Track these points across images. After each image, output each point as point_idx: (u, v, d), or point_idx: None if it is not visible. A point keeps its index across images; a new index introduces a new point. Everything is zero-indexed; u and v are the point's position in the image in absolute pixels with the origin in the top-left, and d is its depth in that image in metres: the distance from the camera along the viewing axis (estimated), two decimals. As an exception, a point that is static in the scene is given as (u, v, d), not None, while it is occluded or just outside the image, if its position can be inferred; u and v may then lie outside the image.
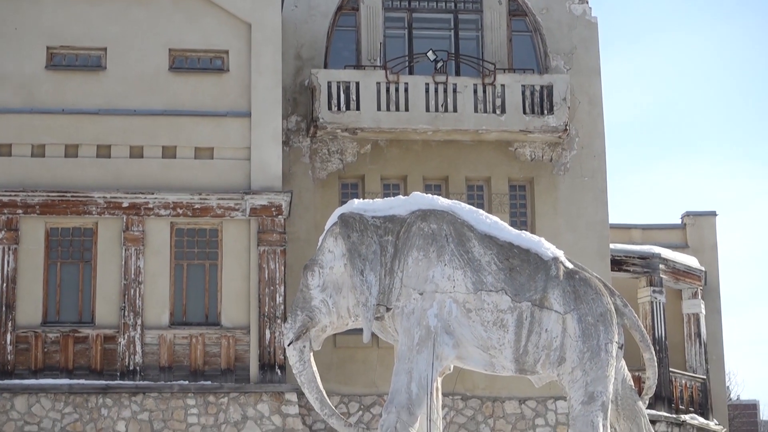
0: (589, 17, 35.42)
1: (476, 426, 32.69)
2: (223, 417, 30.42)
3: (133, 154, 31.84)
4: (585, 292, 22.68)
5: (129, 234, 31.21)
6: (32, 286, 30.99)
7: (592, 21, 35.41)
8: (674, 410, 35.08)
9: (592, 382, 22.32)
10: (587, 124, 34.83)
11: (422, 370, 21.84)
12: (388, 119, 33.37)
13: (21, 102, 31.76)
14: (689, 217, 38.85)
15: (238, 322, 31.25)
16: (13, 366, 30.46)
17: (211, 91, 32.40)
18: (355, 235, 22.56)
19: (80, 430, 29.98)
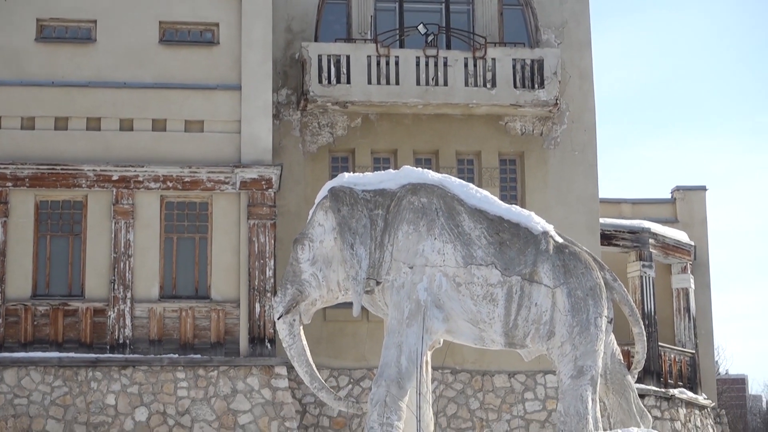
0: (581, -8, 35.42)
1: (465, 400, 32.77)
2: (212, 390, 30.47)
3: (123, 127, 31.81)
4: (575, 267, 22.75)
5: (119, 207, 31.20)
6: (22, 259, 30.99)
7: (583, -5, 35.42)
8: (663, 384, 35.19)
9: (582, 356, 22.40)
10: (578, 99, 34.83)
11: (412, 343, 21.90)
12: (379, 93, 33.33)
13: (11, 74, 31.70)
14: (679, 191, 38.89)
15: (228, 296, 31.28)
16: (3, 339, 30.48)
17: (201, 64, 32.35)
18: (346, 208, 22.59)
19: (70, 403, 30.02)
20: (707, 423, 36.99)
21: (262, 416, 30.34)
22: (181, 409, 30.26)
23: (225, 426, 30.19)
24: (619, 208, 38.03)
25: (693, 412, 36.17)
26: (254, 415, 30.34)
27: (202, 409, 30.29)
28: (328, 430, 32.09)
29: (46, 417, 29.88)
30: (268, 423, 30.32)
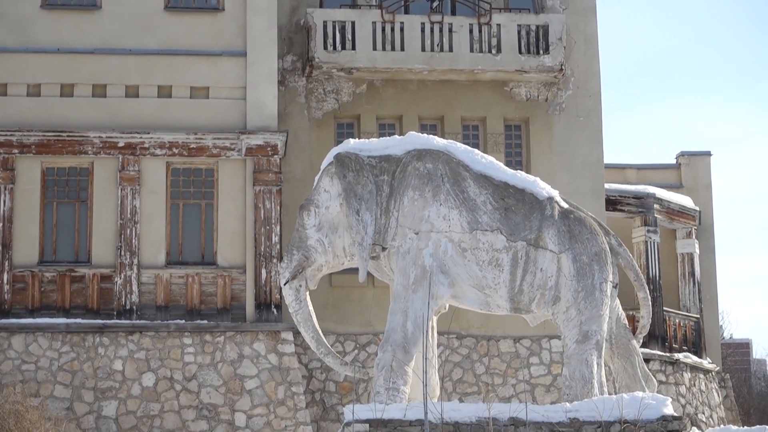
0: (585, -40, 35.31)
1: (471, 364, 32.83)
2: (219, 356, 30.54)
3: (129, 94, 31.77)
4: (580, 232, 22.76)
5: (125, 174, 31.19)
6: (28, 226, 31.01)
7: (587, -37, 35.31)
8: (668, 349, 35.23)
9: (587, 321, 22.43)
10: (583, 64, 34.75)
11: (418, 309, 21.95)
12: (384, 59, 33.28)
13: (16, 41, 31.66)
14: (684, 156, 38.84)
15: (234, 262, 31.31)
16: (10, 305, 30.55)
17: (206, 30, 32.26)
18: (351, 174, 22.60)
19: (77, 368, 30.10)
20: (712, 387, 37.06)
21: (269, 381, 30.42)
22: (188, 375, 30.35)
23: (232, 391, 30.28)
24: (624, 174, 37.99)
25: (697, 376, 36.23)
26: (261, 380, 30.42)
27: (208, 374, 30.38)
28: (334, 395, 32.18)
29: (53, 383, 29.98)
30: (274, 388, 30.40)
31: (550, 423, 20.65)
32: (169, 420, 29.97)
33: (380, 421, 20.31)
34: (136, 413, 29.97)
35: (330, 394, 32.23)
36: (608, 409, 20.76)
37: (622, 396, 21.31)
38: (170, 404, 30.09)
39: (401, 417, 20.34)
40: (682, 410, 33.46)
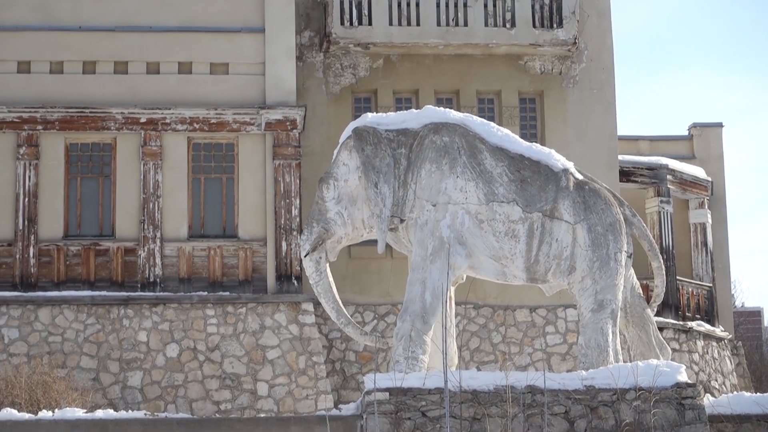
0: (598, -67, 35.19)
1: (488, 334, 32.89)
2: (241, 326, 30.64)
3: (150, 70, 31.79)
4: (595, 203, 22.81)
5: (147, 149, 31.26)
6: (53, 201, 31.07)
7: (601, -64, 35.18)
8: (681, 317, 35.23)
9: (602, 290, 22.50)
10: (596, 38, 34.67)
11: (436, 279, 22.03)
12: (400, 34, 33.24)
13: (39, 19, 31.68)
14: (696, 128, 38.75)
15: (255, 235, 31.37)
16: (37, 278, 30.67)
17: (224, 7, 32.24)
18: (369, 148, 22.65)
19: (103, 340, 30.23)
20: (724, 354, 37.07)
21: (290, 351, 30.51)
22: (210, 345, 30.46)
23: (254, 361, 30.38)
24: (637, 145, 37.91)
25: (710, 344, 36.24)
26: (282, 350, 30.52)
27: (231, 344, 30.49)
28: (354, 364, 32.26)
29: (80, 354, 30.11)
30: (295, 358, 30.51)
31: (566, 390, 20.73)
32: (193, 390, 30.10)
33: (400, 389, 20.41)
34: (160, 383, 30.11)
35: (350, 364, 32.32)
36: (623, 376, 20.83)
37: (637, 364, 21.37)
38: (194, 374, 30.22)
39: (420, 385, 20.44)
40: (696, 377, 33.48)
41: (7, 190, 30.95)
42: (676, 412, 20.72)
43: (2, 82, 31.32)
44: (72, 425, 20.90)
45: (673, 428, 20.58)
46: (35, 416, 21.53)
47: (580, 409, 20.55)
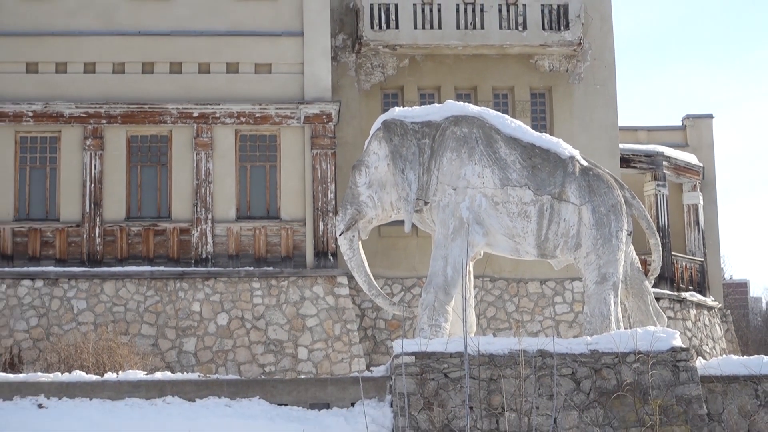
0: (601, -57, 34.96)
1: (503, 304, 32.84)
2: (283, 298, 30.67)
3: (201, 70, 31.82)
4: (598, 186, 22.73)
5: (199, 140, 31.29)
6: (116, 187, 31.16)
7: (603, -53, 34.96)
8: (676, 288, 35.11)
9: (605, 264, 22.43)
10: (599, 38, 34.49)
11: (456, 255, 22.00)
12: (424, 36, 33.16)
13: (102, 25, 31.72)
14: (689, 119, 38.57)
15: (295, 216, 31.38)
16: (102, 256, 30.77)
17: (267, 13, 32.21)
18: (397, 138, 22.62)
19: (161, 310, 30.31)
20: (714, 322, 36.94)
21: (327, 320, 30.54)
22: (256, 315, 30.50)
23: (295, 329, 30.42)
24: (636, 135, 37.75)
25: (702, 312, 36.11)
26: (320, 318, 30.55)
27: (274, 314, 30.53)
28: (383, 331, 32.27)
29: (140, 322, 30.21)
30: (331, 326, 30.53)
31: (573, 354, 20.69)
32: (241, 354, 30.18)
33: (424, 353, 20.40)
34: (212, 348, 30.18)
35: (380, 331, 32.33)
36: (624, 341, 20.78)
37: (636, 330, 21.32)
38: (241, 340, 30.28)
39: (443, 350, 20.43)
40: (689, 342, 33.39)
41: (76, 177, 31.06)
42: (671, 374, 20.66)
43: (70, 82, 31.41)
44: (134, 386, 20.98)
45: (668, 388, 20.52)
46: (101, 377, 21.62)
47: (586, 371, 20.51)
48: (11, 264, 30.59)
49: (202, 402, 20.66)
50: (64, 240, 30.83)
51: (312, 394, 21.06)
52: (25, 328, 29.87)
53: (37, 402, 20.43)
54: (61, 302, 30.18)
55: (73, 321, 29.92)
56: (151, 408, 20.45)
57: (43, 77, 31.44)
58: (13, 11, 31.58)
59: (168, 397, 20.70)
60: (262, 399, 20.83)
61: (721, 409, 21.02)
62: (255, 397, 20.84)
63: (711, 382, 21.16)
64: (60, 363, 26.10)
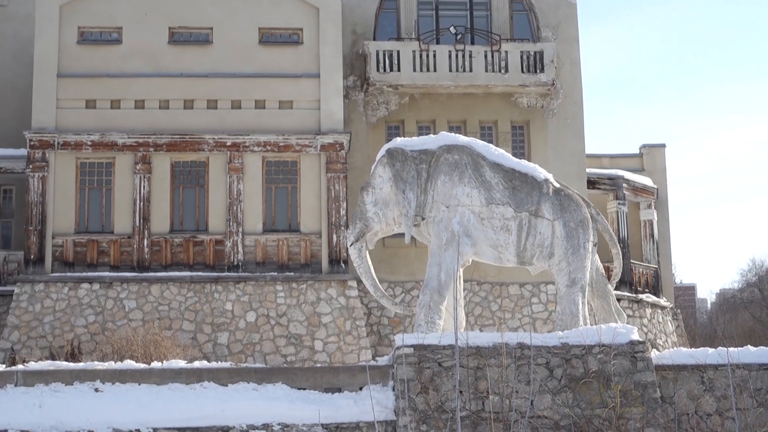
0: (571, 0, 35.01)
1: (488, 304, 32.81)
2: (302, 298, 30.66)
3: (234, 106, 31.85)
4: (568, 204, 22.75)
5: (232, 165, 31.31)
6: (161, 204, 31.18)
7: (572, 2, 34.99)
8: (634, 291, 35.08)
9: (574, 270, 22.43)
10: (569, 80, 34.54)
11: (449, 263, 22.00)
12: (421, 78, 33.22)
13: (150, 68, 31.79)
14: (645, 147, 38.53)
15: (313, 229, 31.37)
16: (149, 263, 30.78)
17: (290, 58, 32.27)
18: (398, 164, 22.66)
19: (199, 309, 30.31)
20: (667, 320, 36.89)
21: (339, 317, 30.53)
22: (279, 313, 30.50)
23: (312, 324, 30.41)
24: (600, 161, 37.72)
25: (656, 311, 36.07)
26: (333, 316, 30.53)
27: (295, 312, 30.52)
28: (387, 326, 32.24)
29: (182, 319, 30.20)
30: (343, 322, 30.52)
31: (547, 346, 20.68)
32: (266, 346, 30.16)
33: (421, 346, 20.40)
34: (242, 341, 30.16)
35: (384, 326, 32.31)
36: (590, 336, 20.77)
37: (601, 326, 21.30)
38: (267, 334, 30.28)
39: (437, 343, 20.43)
40: (645, 337, 33.30)
41: (127, 197, 31.10)
42: (630, 363, 20.63)
43: (123, 116, 31.47)
44: (176, 373, 20.99)
45: (627, 375, 20.50)
46: (148, 366, 21.62)
47: (558, 360, 20.50)
48: (72, 270, 30.64)
49: (233, 386, 20.68)
50: (117, 249, 30.85)
51: (326, 380, 21.05)
52: (84, 324, 29.88)
53: (93, 386, 20.44)
54: (114, 302, 30.20)
55: (125, 318, 29.93)
56: (190, 391, 20.47)
57: (99, 112, 31.48)
58: (75, 56, 31.67)
59: (204, 382, 20.71)
60: (284, 384, 20.83)
61: (672, 393, 21.00)
62: (278, 383, 20.84)
63: (664, 370, 21.15)
64: (113, 353, 26.11)
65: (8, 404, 19.74)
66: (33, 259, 30.53)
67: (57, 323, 29.80)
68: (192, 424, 19.63)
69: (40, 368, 21.02)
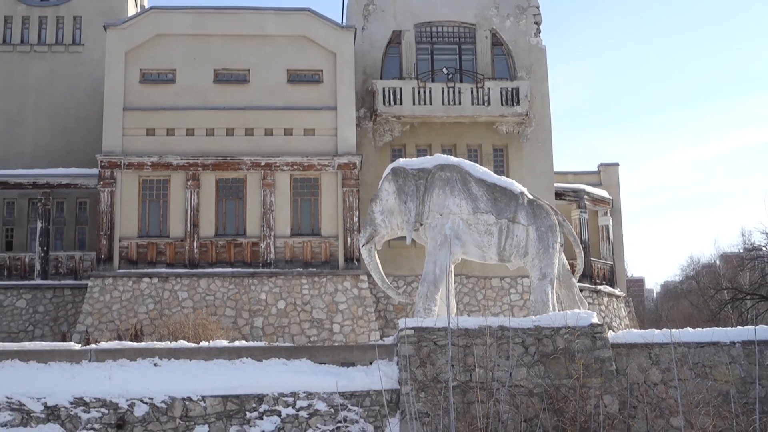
0: (541, 46, 34.98)
1: (474, 294, 32.78)
2: (323, 290, 30.66)
3: (266, 134, 31.89)
4: (539, 213, 22.72)
5: (265, 181, 31.34)
6: (208, 214, 31.22)
7: (542, 48, 34.98)
8: (593, 283, 35.04)
9: (544, 266, 22.41)
10: (540, 111, 34.53)
11: (442, 261, 21.99)
12: (419, 110, 33.23)
13: (198, 103, 31.87)
14: (602, 166, 38.48)
15: (331, 233, 31.37)
16: (198, 261, 30.81)
17: (312, 95, 32.31)
18: (401, 180, 22.67)
19: (239, 298, 30.32)
20: (620, 306, 36.81)
21: (353, 305, 30.53)
22: (304, 301, 30.51)
23: (330, 311, 30.41)
24: (566, 177, 37.69)
25: (612, 300, 36.02)
26: (348, 304, 30.53)
27: (316, 300, 30.52)
28: (392, 312, 32.22)
29: (225, 307, 30.21)
30: (356, 309, 30.51)
31: (523, 329, 20.66)
32: (293, 329, 30.16)
33: (420, 328, 20.40)
34: (273, 324, 30.17)
35: (389, 312, 32.28)
36: (558, 320, 20.76)
37: (566, 312, 21.28)
38: (294, 319, 30.29)
39: (433, 326, 20.43)
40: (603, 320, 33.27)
41: (180, 207, 31.17)
42: (591, 342, 20.61)
43: (177, 142, 31.56)
44: (220, 351, 20.97)
45: (588, 352, 20.47)
46: (197, 345, 21.59)
47: (531, 340, 20.48)
48: (136, 267, 30.69)
49: (266, 362, 20.69)
50: (172, 250, 30.89)
51: (342, 356, 21.05)
52: (145, 311, 29.93)
53: (153, 362, 20.46)
54: (170, 293, 30.24)
55: (178, 306, 29.97)
56: (231, 366, 20.48)
57: (157, 139, 31.55)
58: (138, 94, 31.78)
59: (243, 358, 20.72)
60: (308, 359, 20.83)
61: (625, 366, 20.97)
62: (303, 358, 20.84)
63: (618, 347, 21.13)
64: (169, 335, 26.16)
65: (84, 376, 19.80)
66: (103, 258, 30.60)
67: (123, 310, 29.86)
68: (233, 393, 19.65)
69: (109, 347, 21.06)
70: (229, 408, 19.48)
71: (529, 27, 34.88)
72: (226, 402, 19.49)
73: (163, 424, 19.19)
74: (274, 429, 19.38)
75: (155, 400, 19.32)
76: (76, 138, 35.19)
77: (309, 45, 32.42)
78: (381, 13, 34.40)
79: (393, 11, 34.46)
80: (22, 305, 31.10)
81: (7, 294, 31.22)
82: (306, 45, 32.42)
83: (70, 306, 31.21)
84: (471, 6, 34.73)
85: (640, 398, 20.53)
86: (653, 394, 20.67)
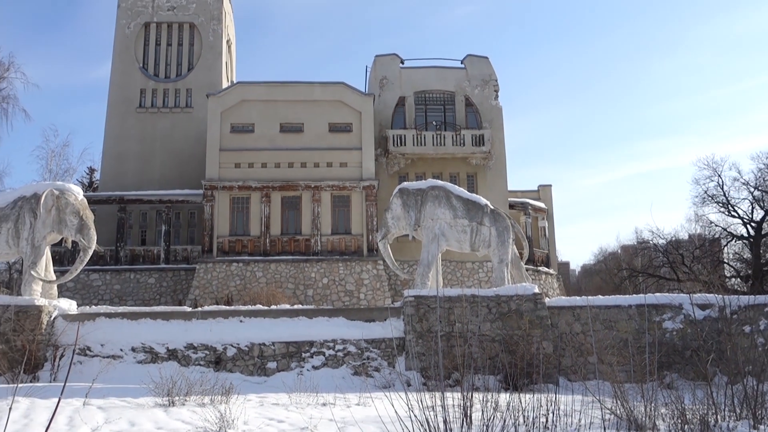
0: (498, 106, 34.89)
1: (454, 273, 32.66)
2: (353, 270, 30.52)
3: (315, 166, 31.89)
4: (498, 218, 22.56)
5: (314, 198, 31.33)
6: (276, 219, 31.18)
7: (499, 107, 34.90)
8: (535, 265, 34.84)
9: (502, 254, 22.23)
10: (498, 149, 34.43)
11: (433, 251, 21.89)
12: (417, 149, 33.19)
13: (270, 146, 31.90)
14: (541, 186, 38.29)
15: (358, 232, 31.32)
16: (270, 251, 30.69)
17: (346, 139, 32.32)
18: (405, 196, 22.58)
19: (297, 276, 30.27)
20: (553, 281, 36.55)
21: (373, 280, 30.40)
22: (340, 278, 30.38)
23: (358, 285, 30.30)
24: (516, 194, 37.46)
25: (548, 277, 35.78)
26: (370, 280, 30.41)
27: (349, 278, 30.50)
28: (399, 286, 32.14)
29: (287, 282, 30.07)
30: (375, 283, 30.37)
31: (488, 297, 20.54)
32: (333, 297, 30.05)
33: (419, 296, 20.32)
34: (320, 294, 30.09)
35: (398, 285, 32.14)
36: (512, 290, 20.64)
37: (517, 285, 21.15)
38: (333, 290, 30.18)
39: (427, 294, 20.35)
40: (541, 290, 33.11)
41: (257, 215, 31.17)
42: (533, 305, 20.48)
43: (255, 172, 31.58)
44: (283, 311, 20.95)
45: (532, 312, 20.34)
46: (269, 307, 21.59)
47: (493, 304, 20.38)
48: (228, 256, 30.71)
49: (315, 319, 20.66)
50: (252, 244, 30.92)
51: (366, 316, 21.01)
52: (234, 285, 29.95)
53: (239, 319, 20.50)
54: (251, 273, 30.26)
55: (256, 282, 29.97)
56: (291, 321, 20.49)
57: (242, 170, 31.60)
58: (229, 140, 31.85)
59: (299, 317, 20.70)
60: (343, 317, 20.81)
61: (557, 322, 20.85)
62: (340, 317, 20.81)
63: (552, 309, 21.03)
64: (250, 301, 26.20)
65: (193, 329, 19.88)
66: (206, 250, 30.66)
67: (219, 285, 29.90)
68: (293, 340, 19.70)
69: (210, 309, 21.10)
70: (290, 350, 19.51)
71: (491, 93, 34.81)
72: (288, 346, 19.53)
73: (246, 361, 19.23)
74: (320, 364, 19.42)
75: (240, 345, 19.38)
76: (188, 169, 35.34)
77: (343, 106, 32.46)
78: (391, 85, 34.40)
79: (399, 83, 34.46)
80: (152, 282, 31.25)
81: (143, 274, 31.38)
82: (341, 106, 32.46)
83: (184, 282, 31.32)
84: (451, 80, 34.71)
85: (567, 343, 20.44)
86: (576, 340, 20.55)
